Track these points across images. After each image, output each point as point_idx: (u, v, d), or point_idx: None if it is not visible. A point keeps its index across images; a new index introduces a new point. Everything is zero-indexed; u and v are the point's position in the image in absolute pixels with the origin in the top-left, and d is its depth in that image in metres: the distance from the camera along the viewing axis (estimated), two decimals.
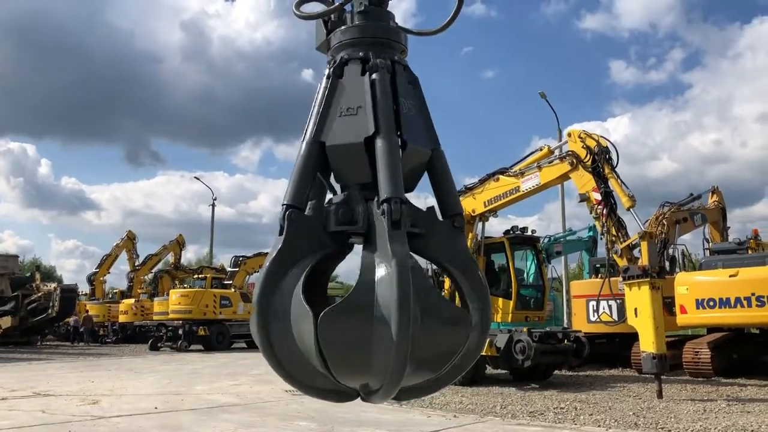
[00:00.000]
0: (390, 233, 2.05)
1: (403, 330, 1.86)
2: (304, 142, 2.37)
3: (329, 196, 2.39)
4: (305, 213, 2.22)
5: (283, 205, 2.22)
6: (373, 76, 2.37)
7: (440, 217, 2.32)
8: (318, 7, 2.84)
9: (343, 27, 2.58)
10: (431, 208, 2.36)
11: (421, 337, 1.94)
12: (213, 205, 48.32)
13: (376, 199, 2.15)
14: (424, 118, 2.47)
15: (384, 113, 2.29)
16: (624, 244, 12.48)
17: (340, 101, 2.42)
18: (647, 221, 14.82)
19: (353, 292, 2.00)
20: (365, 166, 2.22)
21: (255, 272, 34.85)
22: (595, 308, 17.77)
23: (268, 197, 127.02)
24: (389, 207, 2.06)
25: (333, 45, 2.61)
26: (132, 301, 39.92)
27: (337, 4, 2.62)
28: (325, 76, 2.52)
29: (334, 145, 2.32)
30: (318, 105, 2.45)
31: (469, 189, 15.87)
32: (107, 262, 45.60)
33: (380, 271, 1.99)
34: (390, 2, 2.77)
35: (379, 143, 2.20)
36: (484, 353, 13.70)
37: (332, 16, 2.70)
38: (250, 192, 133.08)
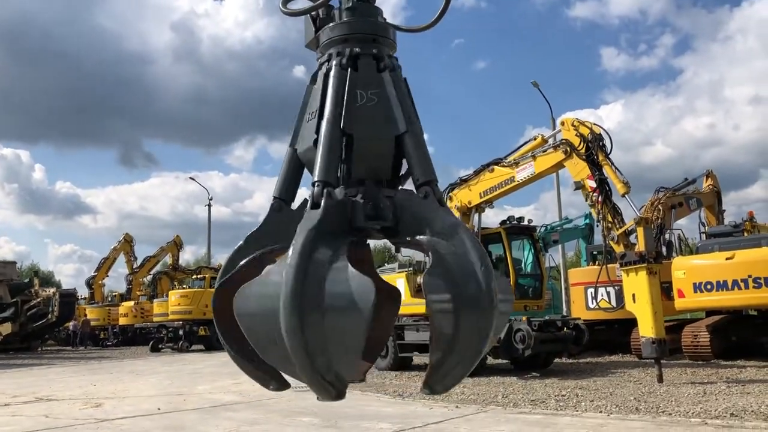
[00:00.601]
0: (305, 213, 2.12)
1: (291, 340, 1.83)
2: (287, 149, 2.50)
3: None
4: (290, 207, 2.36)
5: (272, 196, 2.35)
6: (329, 74, 2.44)
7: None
8: (305, 4, 2.86)
9: (330, 24, 2.62)
10: (403, 192, 2.39)
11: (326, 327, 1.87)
12: (209, 206, 48.28)
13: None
14: (395, 105, 2.48)
15: (330, 110, 2.36)
16: (620, 231, 12.52)
17: (309, 107, 2.51)
18: (643, 207, 14.89)
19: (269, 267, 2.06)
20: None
21: None
22: (593, 295, 17.84)
23: (264, 195, 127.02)
24: (312, 190, 2.15)
25: (321, 43, 2.64)
26: (131, 303, 39.93)
27: (322, 0, 2.65)
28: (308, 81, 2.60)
29: (301, 152, 2.42)
30: (298, 113, 2.55)
31: (464, 180, 15.90)
32: (105, 265, 45.59)
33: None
34: None
35: (319, 137, 2.28)
36: None
37: (320, 12, 2.72)
38: (245, 191, 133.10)
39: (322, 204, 2.14)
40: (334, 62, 2.46)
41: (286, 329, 1.84)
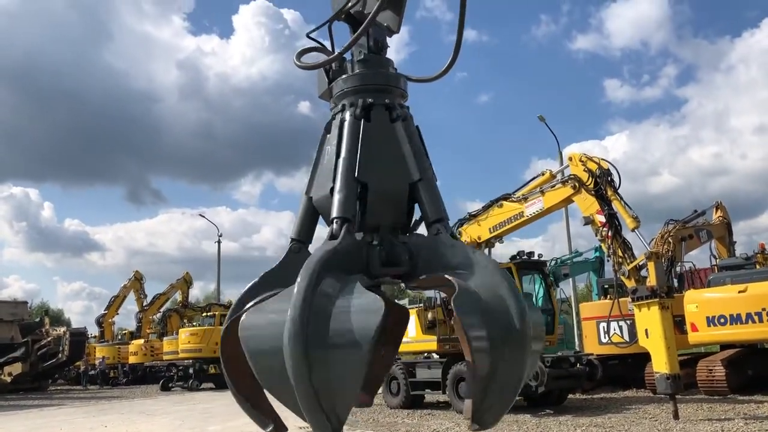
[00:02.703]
0: (324, 243, 2.22)
1: (296, 375, 1.87)
2: (302, 196, 2.57)
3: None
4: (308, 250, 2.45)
5: (290, 238, 2.43)
6: (343, 124, 2.52)
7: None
8: (319, 57, 2.95)
9: (338, 79, 2.70)
10: (417, 236, 2.45)
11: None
12: (219, 242, 48.37)
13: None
14: (408, 153, 2.54)
15: (343, 161, 2.43)
16: (631, 266, 12.49)
17: (324, 156, 2.59)
18: (653, 240, 14.85)
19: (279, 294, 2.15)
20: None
21: None
22: (605, 330, 17.68)
23: (271, 230, 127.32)
24: (330, 227, 2.28)
25: (334, 94, 2.72)
26: (141, 341, 39.82)
27: (335, 53, 2.73)
28: (322, 130, 2.68)
29: (317, 200, 2.49)
30: (313, 161, 2.62)
31: (473, 216, 15.95)
32: (115, 303, 45.60)
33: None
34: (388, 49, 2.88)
35: (334, 186, 2.36)
36: None
37: (333, 65, 2.80)
38: (252, 226, 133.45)
39: (340, 235, 2.20)
40: (348, 113, 2.54)
41: (293, 372, 1.87)
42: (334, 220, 2.28)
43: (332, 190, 2.41)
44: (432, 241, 2.40)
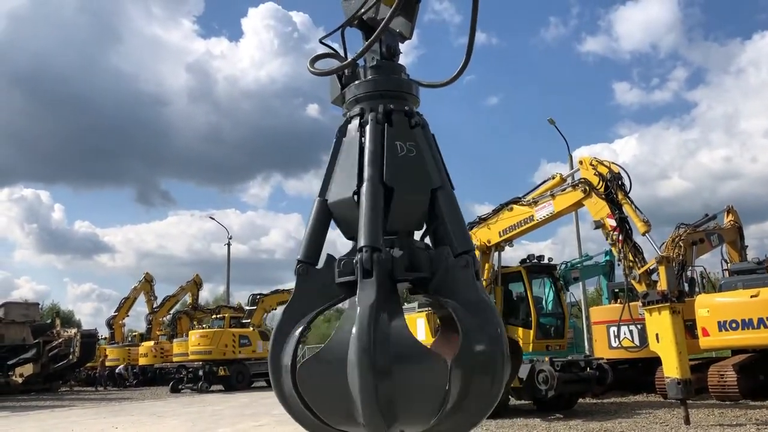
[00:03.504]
0: (360, 283, 2.16)
1: (364, 381, 1.95)
2: (316, 200, 2.54)
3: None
4: (317, 267, 2.39)
5: (296, 259, 2.40)
6: (366, 128, 2.51)
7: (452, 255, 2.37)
8: (332, 63, 2.97)
9: (351, 84, 2.71)
10: (441, 249, 2.43)
11: (397, 385, 1.99)
12: (228, 244, 48.50)
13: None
14: (429, 160, 2.55)
15: (371, 164, 2.42)
16: (642, 270, 12.44)
17: (341, 159, 2.57)
18: (663, 244, 14.77)
19: (327, 343, 2.12)
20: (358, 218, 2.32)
21: (273, 310, 34.96)
22: (616, 334, 17.62)
23: (280, 232, 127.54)
24: (360, 256, 2.17)
25: (347, 100, 2.73)
26: (151, 343, 40.03)
27: (349, 60, 2.74)
28: (335, 136, 2.67)
29: (333, 202, 2.47)
30: (328, 164, 2.61)
31: (483, 219, 15.92)
32: (126, 305, 45.86)
33: (350, 322, 2.09)
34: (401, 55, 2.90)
35: (361, 193, 2.32)
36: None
37: (346, 71, 2.82)
38: (261, 228, 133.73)
39: (374, 273, 2.18)
40: (369, 116, 2.53)
41: (365, 412, 1.97)
42: (364, 249, 2.24)
43: (355, 194, 2.40)
44: (456, 269, 2.39)
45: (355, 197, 2.41)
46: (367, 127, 2.53)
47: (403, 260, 2.30)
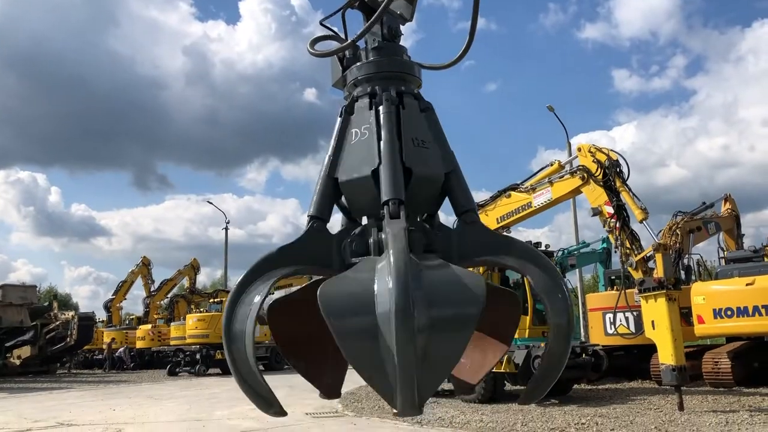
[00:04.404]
0: (388, 222, 2.11)
1: (403, 346, 1.75)
2: (320, 177, 2.49)
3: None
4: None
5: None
6: (380, 108, 2.49)
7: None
8: (332, 45, 2.96)
9: (357, 64, 2.70)
10: (442, 227, 2.46)
11: (433, 338, 1.82)
12: (226, 229, 48.50)
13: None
14: (438, 143, 2.55)
15: (388, 144, 2.40)
16: (638, 257, 12.48)
17: (350, 137, 2.54)
18: (660, 231, 14.82)
19: (352, 272, 2.01)
20: (376, 198, 2.28)
21: (270, 294, 34.86)
22: (612, 321, 17.71)
23: (277, 217, 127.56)
24: (388, 207, 2.17)
25: (348, 82, 2.72)
26: (149, 326, 40.10)
27: (349, 41, 2.73)
28: (339, 114, 2.65)
29: (345, 181, 2.43)
30: (333, 142, 2.57)
31: (481, 206, 15.92)
32: (123, 288, 45.91)
33: (380, 265, 1.95)
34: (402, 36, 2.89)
35: (382, 168, 2.30)
36: (502, 370, 13.71)
37: (346, 52, 2.81)
38: (258, 213, 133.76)
39: (401, 216, 2.15)
40: (383, 96, 2.51)
41: (398, 340, 1.76)
42: (391, 202, 2.22)
43: (375, 172, 2.36)
44: (468, 229, 2.42)
45: (373, 176, 2.37)
46: (381, 108, 2.50)
47: (421, 240, 2.32)
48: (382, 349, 1.80)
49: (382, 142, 2.38)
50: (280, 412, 2.14)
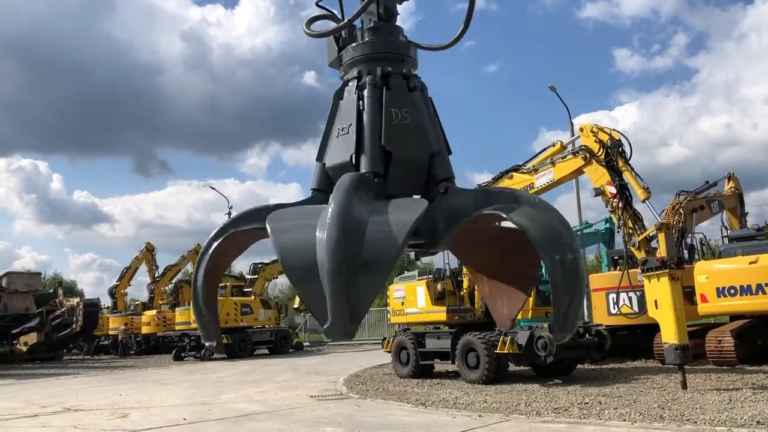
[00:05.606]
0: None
1: (333, 282, 2.05)
2: (316, 165, 2.60)
3: None
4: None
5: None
6: (363, 92, 2.50)
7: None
8: (328, 25, 2.93)
9: (351, 45, 2.68)
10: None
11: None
12: (229, 214, 48.48)
13: None
14: (427, 124, 2.54)
15: (370, 128, 2.43)
16: (641, 237, 12.47)
17: (337, 122, 2.58)
18: (663, 211, 14.78)
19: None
20: None
21: (274, 278, 35.05)
22: (615, 301, 17.72)
23: (279, 202, 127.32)
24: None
25: (344, 62, 2.70)
26: (154, 312, 40.26)
27: (345, 21, 2.71)
28: (332, 97, 2.67)
29: (330, 166, 2.50)
30: (324, 128, 2.63)
31: (482, 188, 15.91)
32: (128, 274, 46.03)
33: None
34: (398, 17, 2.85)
35: (362, 154, 2.40)
36: (505, 350, 13.75)
37: (343, 33, 2.78)
38: (261, 198, 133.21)
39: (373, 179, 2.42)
40: (366, 80, 2.51)
41: (330, 271, 2.03)
42: (365, 175, 2.39)
43: (354, 156, 2.40)
44: (447, 196, 2.48)
45: (353, 162, 2.41)
46: (365, 92, 2.52)
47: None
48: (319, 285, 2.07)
49: (363, 126, 2.43)
50: (218, 348, 2.65)
